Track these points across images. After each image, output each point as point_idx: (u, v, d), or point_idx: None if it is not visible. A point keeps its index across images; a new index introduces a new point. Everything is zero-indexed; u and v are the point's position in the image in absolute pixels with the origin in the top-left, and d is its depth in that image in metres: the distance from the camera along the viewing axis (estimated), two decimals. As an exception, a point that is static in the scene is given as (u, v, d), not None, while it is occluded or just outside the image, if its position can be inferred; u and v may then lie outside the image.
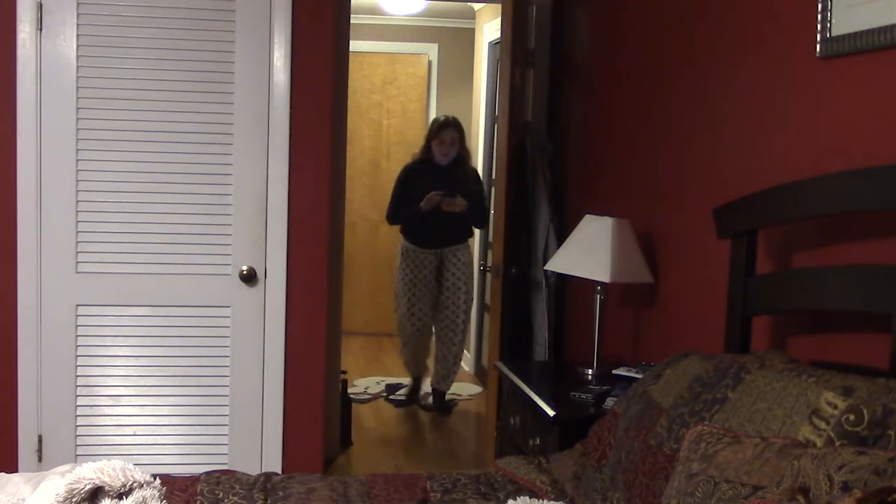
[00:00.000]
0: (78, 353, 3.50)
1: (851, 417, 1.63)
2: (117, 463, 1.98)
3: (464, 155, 5.30)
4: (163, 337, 3.54)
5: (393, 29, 7.39)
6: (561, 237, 3.80)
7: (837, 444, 1.61)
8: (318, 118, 3.57)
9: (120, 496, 1.93)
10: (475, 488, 2.29)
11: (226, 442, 3.60)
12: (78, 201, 3.45)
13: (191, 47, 3.45)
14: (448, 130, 5.20)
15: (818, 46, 2.17)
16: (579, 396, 2.82)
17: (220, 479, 2.30)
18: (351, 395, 5.14)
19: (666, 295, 3.09)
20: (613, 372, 3.03)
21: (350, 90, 4.84)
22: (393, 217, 5.41)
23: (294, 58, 3.51)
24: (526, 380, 3.05)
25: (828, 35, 2.14)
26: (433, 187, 5.12)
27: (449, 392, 5.59)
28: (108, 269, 3.50)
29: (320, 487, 2.27)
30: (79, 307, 3.49)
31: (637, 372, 2.95)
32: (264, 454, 3.63)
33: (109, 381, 3.53)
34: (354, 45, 5.07)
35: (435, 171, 5.24)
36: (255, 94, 3.50)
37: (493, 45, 6.09)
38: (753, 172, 2.49)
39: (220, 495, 2.19)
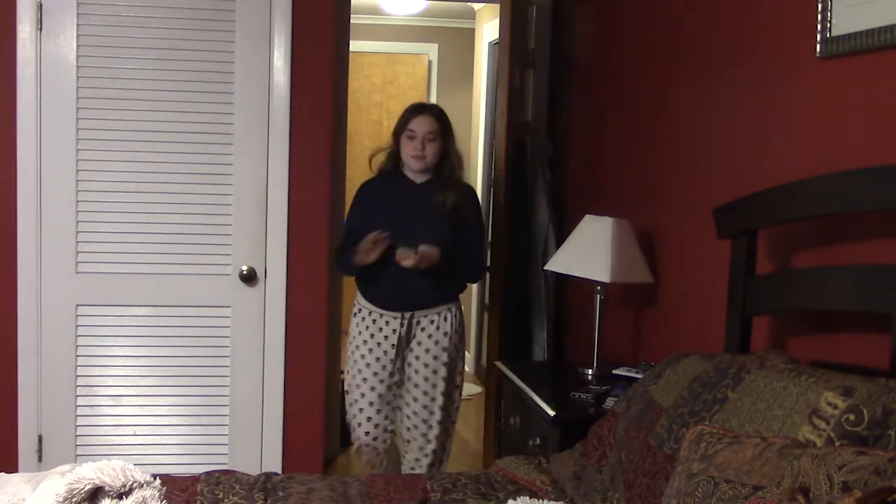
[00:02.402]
0: (78, 353, 3.50)
1: (851, 417, 1.63)
2: (117, 463, 1.98)
3: (450, 162, 3.33)
4: (163, 337, 3.54)
5: (393, 29, 7.39)
6: (561, 237, 3.80)
7: (837, 444, 1.61)
8: (318, 118, 3.57)
9: (120, 496, 1.93)
10: (475, 488, 2.29)
11: (226, 442, 3.60)
12: (78, 201, 3.45)
13: (191, 47, 3.45)
14: (423, 118, 3.26)
15: (818, 46, 2.17)
16: (579, 396, 2.82)
17: (220, 479, 2.30)
18: (351, 395, 5.12)
19: (666, 295, 3.08)
20: (613, 372, 3.03)
21: (350, 90, 4.84)
22: (336, 262, 3.48)
23: (294, 58, 3.51)
24: (526, 380, 3.05)
25: (828, 35, 2.14)
26: (397, 218, 3.25)
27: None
28: (108, 269, 3.50)
29: (320, 487, 2.27)
30: (79, 307, 3.49)
31: (637, 372, 2.95)
32: (264, 454, 3.63)
33: (109, 381, 3.53)
34: (354, 45, 5.07)
35: (406, 191, 3.33)
36: (255, 94, 3.50)
37: (493, 45, 6.09)
38: (753, 172, 2.49)
39: (220, 495, 2.19)
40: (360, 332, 3.38)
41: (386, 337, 3.33)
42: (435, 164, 3.31)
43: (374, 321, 3.34)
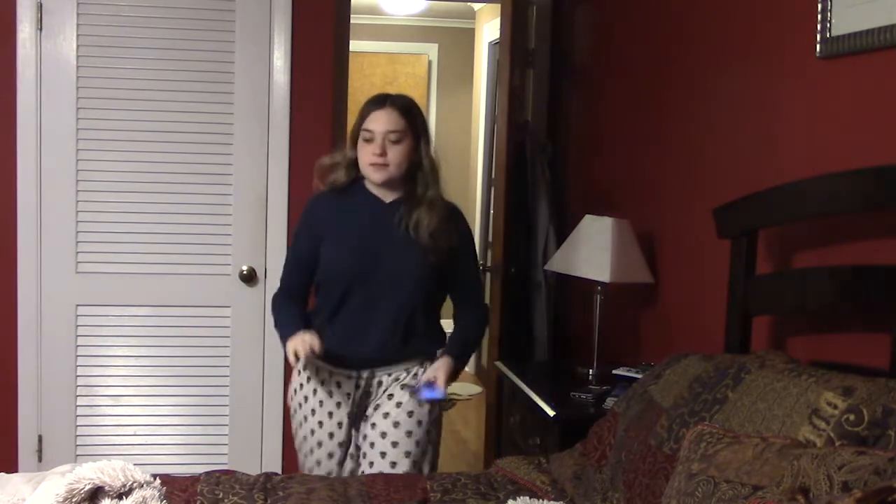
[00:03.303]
0: (78, 353, 3.50)
1: (851, 417, 1.63)
2: (117, 463, 1.98)
3: (425, 170, 2.48)
4: (163, 337, 3.54)
5: (393, 29, 7.38)
6: (561, 237, 3.80)
7: (837, 444, 1.61)
8: (318, 118, 3.57)
9: (120, 496, 1.93)
10: (475, 488, 2.29)
11: (226, 442, 3.60)
12: (78, 201, 3.45)
13: (191, 47, 3.46)
14: (383, 113, 2.48)
15: (818, 46, 2.17)
16: (579, 396, 2.82)
17: (220, 479, 2.29)
18: (351, 395, 5.10)
19: (666, 295, 3.08)
20: (613, 372, 3.02)
21: (350, 90, 4.83)
22: (273, 312, 2.66)
23: (294, 58, 3.51)
24: (526, 380, 3.05)
25: (828, 35, 2.14)
26: (358, 248, 2.49)
27: (449, 392, 5.42)
28: (108, 269, 3.50)
29: (320, 487, 2.27)
30: (79, 307, 3.49)
31: (637, 372, 2.95)
32: (264, 454, 3.63)
33: (109, 381, 3.53)
34: (354, 45, 5.05)
35: (370, 212, 2.51)
36: (255, 94, 3.50)
37: (493, 45, 6.09)
38: (753, 172, 2.49)
39: (220, 495, 2.19)
40: (304, 401, 2.57)
41: (338, 404, 2.54)
42: (404, 173, 2.47)
43: (322, 382, 2.53)
